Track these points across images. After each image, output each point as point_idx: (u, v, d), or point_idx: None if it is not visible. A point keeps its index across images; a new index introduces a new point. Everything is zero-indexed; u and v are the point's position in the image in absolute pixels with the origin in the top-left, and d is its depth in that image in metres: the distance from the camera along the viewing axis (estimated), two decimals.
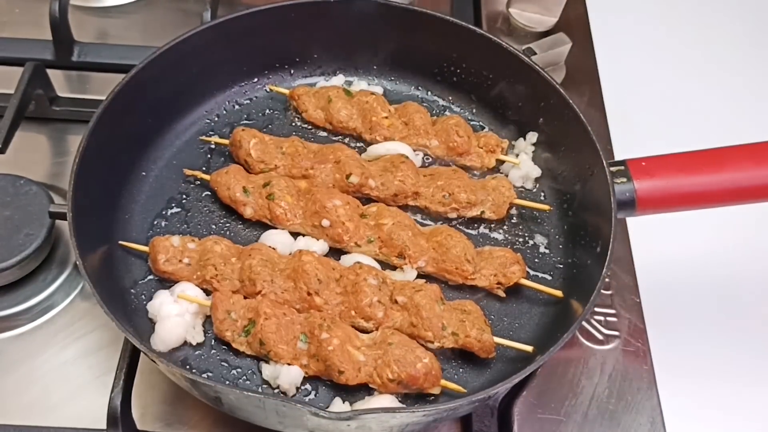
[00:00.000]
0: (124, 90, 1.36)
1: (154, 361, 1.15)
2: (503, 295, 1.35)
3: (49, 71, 1.59)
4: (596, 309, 1.45)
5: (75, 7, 1.76)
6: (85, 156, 1.28)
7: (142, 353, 1.27)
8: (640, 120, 1.77)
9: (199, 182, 1.45)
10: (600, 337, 1.42)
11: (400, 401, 1.22)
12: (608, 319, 1.44)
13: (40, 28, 1.62)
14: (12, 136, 1.47)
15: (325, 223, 1.34)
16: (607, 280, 1.48)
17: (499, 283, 1.33)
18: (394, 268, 1.36)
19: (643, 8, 2.10)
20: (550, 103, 1.45)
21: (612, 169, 1.32)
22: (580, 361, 1.39)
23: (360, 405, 1.21)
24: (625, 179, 1.32)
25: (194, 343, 1.27)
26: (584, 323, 1.43)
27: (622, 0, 2.11)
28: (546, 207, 1.44)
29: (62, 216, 1.37)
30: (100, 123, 1.31)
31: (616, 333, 1.42)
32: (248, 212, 1.39)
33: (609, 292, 1.47)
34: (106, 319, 1.36)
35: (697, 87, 1.91)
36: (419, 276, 1.35)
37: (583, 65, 1.80)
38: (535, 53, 1.68)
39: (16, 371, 1.34)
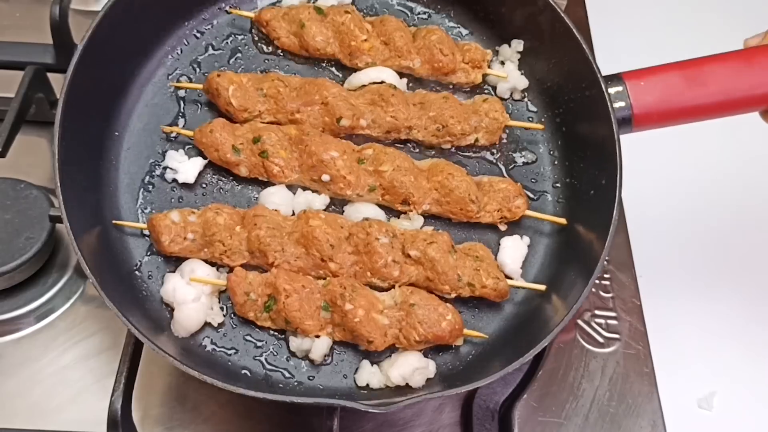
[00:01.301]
0: (92, 40, 1.30)
1: (176, 358, 1.14)
2: (505, 227, 1.36)
3: (50, 75, 1.59)
4: (597, 312, 1.45)
5: (75, 10, 1.76)
6: (64, 129, 1.24)
7: (144, 353, 1.27)
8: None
9: (177, 135, 1.38)
10: (601, 340, 1.42)
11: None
12: (609, 321, 1.44)
13: (41, 32, 1.62)
14: (12, 140, 1.46)
15: (326, 178, 1.30)
16: (606, 282, 1.48)
17: (503, 217, 1.34)
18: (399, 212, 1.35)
19: (644, 10, 2.10)
20: (537, 11, 1.41)
21: (611, 90, 1.30)
22: (580, 364, 1.39)
23: (386, 364, 1.24)
24: (623, 102, 1.30)
25: (215, 324, 1.27)
26: (585, 326, 1.43)
27: (622, 2, 2.11)
28: (539, 126, 1.42)
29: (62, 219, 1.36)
30: (72, 85, 1.26)
31: (616, 336, 1.42)
32: (243, 171, 1.34)
33: (609, 295, 1.47)
34: (107, 322, 1.37)
35: None
36: (424, 215, 1.35)
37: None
38: None
39: (17, 374, 1.34)
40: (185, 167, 1.34)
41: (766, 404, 1.46)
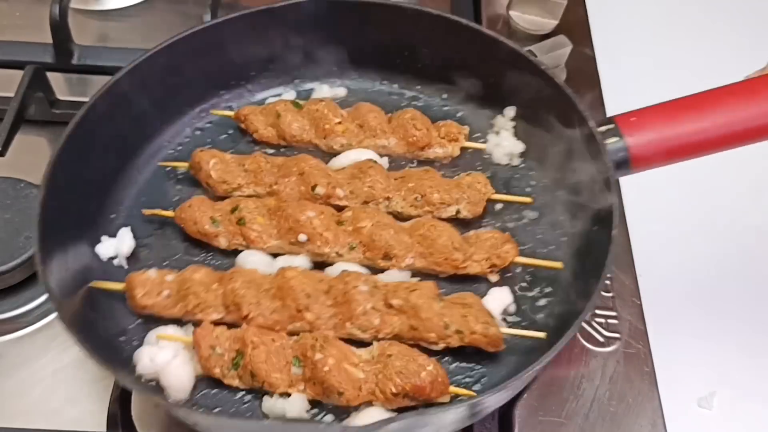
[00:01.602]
0: (81, 125, 1.30)
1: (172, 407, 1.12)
2: (497, 278, 1.32)
3: (49, 74, 1.60)
4: (597, 311, 1.45)
5: (75, 10, 1.76)
6: (47, 206, 1.21)
7: None
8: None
9: (167, 219, 1.40)
10: (601, 339, 1.42)
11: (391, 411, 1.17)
12: (609, 321, 1.44)
13: (41, 31, 1.62)
14: (12, 139, 1.47)
15: (302, 238, 1.28)
16: (607, 282, 1.48)
17: (492, 266, 1.30)
18: (383, 272, 1.31)
19: (644, 11, 2.11)
20: (522, 73, 1.42)
21: (601, 129, 1.29)
22: (580, 363, 1.39)
23: (349, 420, 1.16)
24: (616, 138, 1.28)
25: (198, 374, 1.22)
26: (585, 325, 1.43)
27: (623, 3, 2.11)
28: (527, 200, 1.40)
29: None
30: (57, 166, 1.25)
31: (616, 335, 1.42)
32: (223, 243, 1.33)
33: (609, 294, 1.47)
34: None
35: (698, 89, 1.91)
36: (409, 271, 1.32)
37: (584, 68, 1.80)
38: (535, 56, 1.68)
39: (17, 374, 1.34)
40: (118, 246, 1.34)
41: (766, 404, 1.46)
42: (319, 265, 1.32)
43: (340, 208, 1.36)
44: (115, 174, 1.43)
